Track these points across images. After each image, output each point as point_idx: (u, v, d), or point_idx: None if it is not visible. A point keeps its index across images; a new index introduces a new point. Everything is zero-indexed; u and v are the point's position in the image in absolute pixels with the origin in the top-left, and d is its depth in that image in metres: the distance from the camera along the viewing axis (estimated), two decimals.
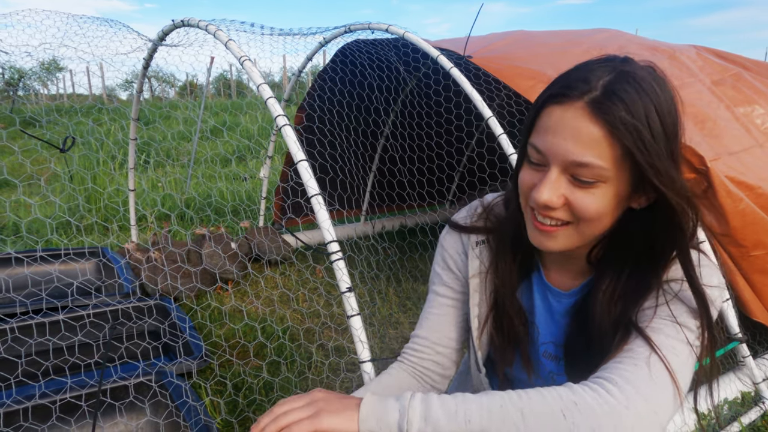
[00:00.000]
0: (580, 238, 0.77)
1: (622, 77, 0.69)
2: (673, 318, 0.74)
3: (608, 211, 0.74)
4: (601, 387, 0.66)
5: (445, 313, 0.99)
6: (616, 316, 0.79)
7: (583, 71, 0.72)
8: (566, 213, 0.75)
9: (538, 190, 0.73)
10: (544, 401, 0.65)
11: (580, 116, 0.69)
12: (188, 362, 2.02)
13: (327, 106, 3.56)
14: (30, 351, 2.13)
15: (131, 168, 3.25)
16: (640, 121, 0.67)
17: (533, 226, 0.79)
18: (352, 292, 1.54)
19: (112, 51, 2.96)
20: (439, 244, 1.02)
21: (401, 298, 3.10)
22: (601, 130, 0.68)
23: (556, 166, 0.72)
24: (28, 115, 6.86)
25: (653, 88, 0.69)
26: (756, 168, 2.25)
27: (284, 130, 1.68)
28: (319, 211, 1.57)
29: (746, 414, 1.93)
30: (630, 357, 0.70)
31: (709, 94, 2.56)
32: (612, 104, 0.67)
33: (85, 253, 2.99)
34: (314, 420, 0.67)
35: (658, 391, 0.66)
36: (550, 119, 0.72)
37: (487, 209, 0.96)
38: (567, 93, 0.70)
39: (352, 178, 4.04)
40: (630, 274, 0.80)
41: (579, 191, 0.72)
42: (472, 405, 0.66)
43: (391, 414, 0.68)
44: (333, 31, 2.91)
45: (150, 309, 2.45)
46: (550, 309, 0.92)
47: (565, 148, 0.70)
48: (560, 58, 2.56)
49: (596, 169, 0.69)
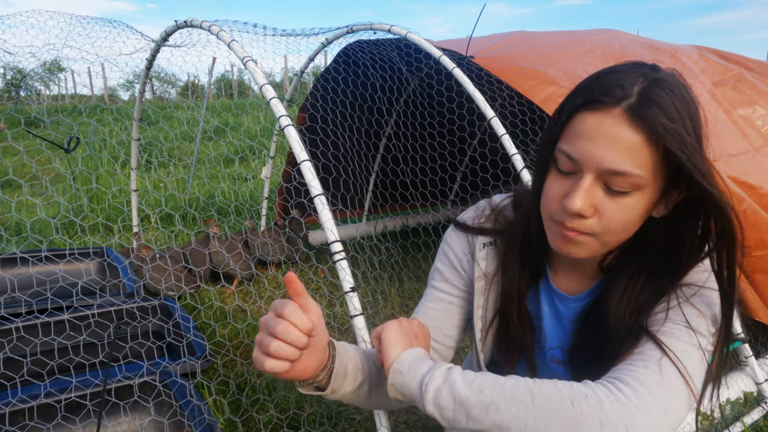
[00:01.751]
0: (603, 246, 0.77)
1: (656, 84, 0.69)
2: (686, 323, 0.75)
3: (636, 221, 0.74)
4: (613, 386, 0.67)
5: (442, 308, 0.99)
6: (630, 322, 0.79)
7: (616, 77, 0.71)
8: (595, 224, 0.74)
9: (572, 198, 0.72)
10: (555, 388, 0.68)
11: (619, 123, 0.68)
12: (192, 362, 2.03)
13: (329, 106, 3.57)
14: (35, 350, 2.14)
15: (134, 168, 3.26)
16: (679, 124, 0.68)
17: (557, 233, 0.78)
18: (356, 292, 1.54)
19: (115, 51, 2.98)
20: (443, 242, 1.01)
21: (403, 298, 3.11)
22: (641, 137, 0.68)
23: (590, 173, 0.71)
24: (32, 115, 6.88)
25: (682, 93, 0.70)
26: (756, 169, 2.25)
27: (287, 130, 1.69)
28: (323, 211, 1.58)
29: (749, 414, 1.94)
30: (641, 359, 0.71)
31: (709, 97, 2.56)
32: (651, 110, 0.67)
33: (89, 253, 3.00)
34: (383, 332, 0.83)
35: (669, 393, 0.67)
36: (585, 125, 0.71)
37: (496, 211, 0.95)
38: (603, 99, 0.69)
39: (355, 178, 4.04)
40: (646, 280, 0.80)
41: (611, 202, 0.72)
42: (488, 379, 0.72)
43: (422, 367, 0.76)
44: (335, 32, 2.92)
45: (154, 309, 2.46)
46: (558, 314, 0.92)
47: (602, 155, 0.69)
48: (562, 58, 2.56)
49: (633, 177, 0.69)
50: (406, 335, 0.84)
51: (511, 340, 0.92)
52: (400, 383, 0.77)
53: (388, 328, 0.84)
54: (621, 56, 2.63)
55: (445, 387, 0.72)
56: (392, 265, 3.57)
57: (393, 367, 0.78)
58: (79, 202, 4.42)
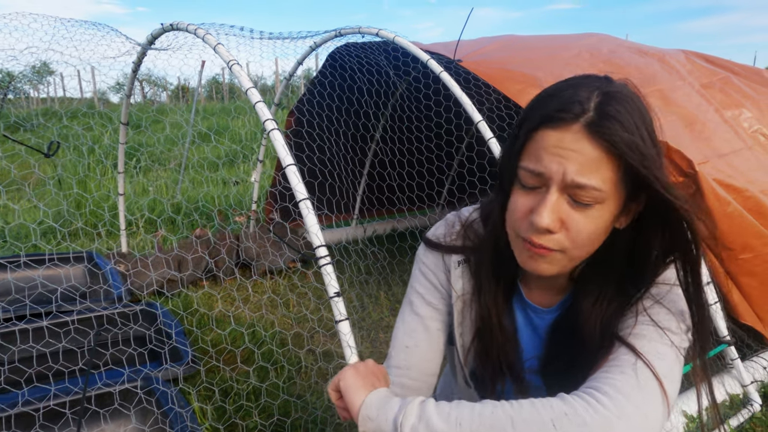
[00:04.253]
0: (570, 261, 0.76)
1: (612, 98, 0.70)
2: (654, 323, 0.75)
3: (601, 233, 0.74)
4: (591, 397, 0.66)
5: (433, 337, 0.94)
6: (602, 330, 0.79)
7: (572, 93, 0.71)
8: (562, 239, 0.73)
9: (539, 213, 0.71)
10: (534, 410, 0.66)
11: (579, 139, 0.69)
12: (175, 368, 2.00)
13: (317, 110, 3.56)
14: (13, 358, 2.10)
15: (120, 172, 3.23)
16: (637, 135, 0.68)
17: (524, 250, 0.77)
18: (341, 297, 1.52)
19: (99, 55, 2.94)
20: (417, 261, 0.97)
21: (392, 302, 3.09)
22: (602, 152, 0.68)
23: (555, 187, 0.71)
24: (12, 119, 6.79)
25: (637, 104, 0.71)
26: (744, 171, 2.26)
27: (272, 134, 1.67)
28: (308, 215, 1.56)
29: (735, 416, 1.94)
30: (616, 366, 0.70)
31: (698, 96, 2.58)
32: (610, 124, 0.68)
33: (75, 258, 2.95)
34: (341, 382, 0.80)
35: (647, 397, 0.67)
36: (547, 142, 0.71)
37: (465, 226, 0.93)
38: (562, 116, 0.70)
39: (343, 182, 4.02)
40: (615, 289, 0.80)
41: (576, 214, 0.72)
42: (464, 410, 0.68)
43: (392, 407, 0.73)
44: (323, 35, 2.90)
45: (136, 315, 2.43)
46: (533, 325, 0.91)
47: (566, 168, 0.69)
48: (550, 62, 2.56)
49: (595, 191, 0.69)
50: (366, 377, 0.81)
51: (493, 358, 0.90)
52: (372, 429, 0.74)
53: (345, 375, 0.81)
54: (609, 60, 2.64)
55: (421, 425, 0.69)
56: (380, 269, 3.55)
57: (361, 414, 0.75)
58: (61, 207, 4.36)
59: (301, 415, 1.98)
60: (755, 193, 2.20)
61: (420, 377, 0.95)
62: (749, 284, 2.16)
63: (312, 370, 2.32)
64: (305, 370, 2.33)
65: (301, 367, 2.35)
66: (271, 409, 2.01)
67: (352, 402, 0.77)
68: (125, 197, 3.30)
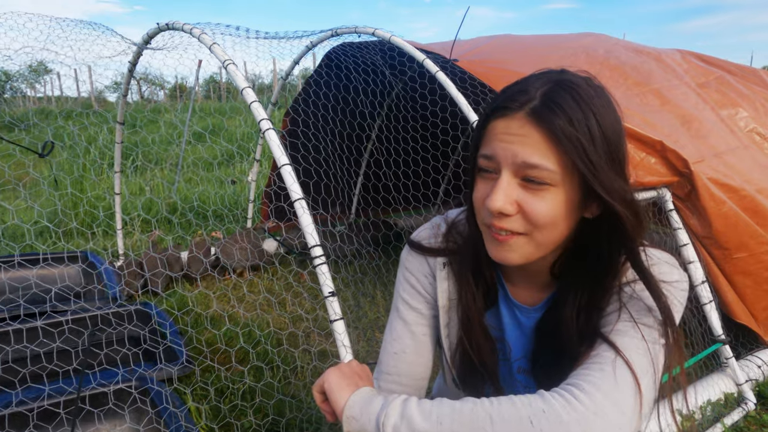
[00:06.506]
0: (537, 248, 0.76)
1: (559, 86, 0.71)
2: (632, 319, 0.75)
3: (561, 218, 0.74)
4: (569, 394, 0.66)
5: (419, 343, 0.94)
6: (583, 326, 0.79)
7: (522, 84, 0.74)
8: (520, 222, 0.74)
9: (491, 197, 0.73)
10: (513, 407, 0.66)
11: (523, 125, 0.71)
12: (169, 368, 2.00)
13: (313, 110, 3.55)
14: (7, 358, 2.09)
15: (117, 172, 3.22)
16: (581, 129, 0.69)
17: (491, 238, 0.78)
18: (335, 297, 1.52)
19: (95, 54, 2.93)
20: (401, 266, 0.96)
21: (388, 302, 3.09)
22: (545, 137, 0.69)
23: (506, 169, 0.73)
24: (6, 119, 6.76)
25: (590, 95, 0.71)
26: (740, 170, 2.27)
27: (268, 134, 1.66)
28: (303, 215, 1.55)
29: (729, 415, 1.94)
30: (596, 362, 0.71)
31: (695, 95, 2.58)
32: (551, 112, 0.69)
33: (69, 257, 2.94)
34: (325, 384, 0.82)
35: (624, 393, 0.67)
36: (496, 129, 0.74)
37: (449, 227, 0.92)
38: (508, 105, 0.72)
39: (339, 182, 4.02)
40: (589, 283, 0.80)
41: (531, 196, 0.72)
42: (445, 408, 0.69)
43: (374, 406, 0.74)
44: (320, 35, 2.90)
45: (131, 314, 2.42)
46: (520, 325, 0.91)
47: (514, 150, 0.71)
48: (546, 61, 2.54)
49: (545, 171, 0.70)
50: (350, 378, 0.82)
51: (474, 359, 0.90)
52: (357, 429, 0.74)
53: (329, 377, 0.82)
54: (606, 60, 2.65)
55: (403, 424, 0.70)
56: (376, 268, 3.55)
57: (345, 414, 0.76)
58: (56, 207, 4.35)
59: (296, 415, 1.98)
60: (751, 192, 2.20)
61: (410, 382, 0.95)
62: (744, 283, 2.16)
63: (307, 369, 2.32)
64: (300, 370, 2.32)
65: (296, 366, 2.35)
66: (266, 409, 2.01)
67: (337, 402, 0.78)
68: (120, 197, 3.29)
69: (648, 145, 2.12)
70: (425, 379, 0.97)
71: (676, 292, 0.79)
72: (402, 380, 0.95)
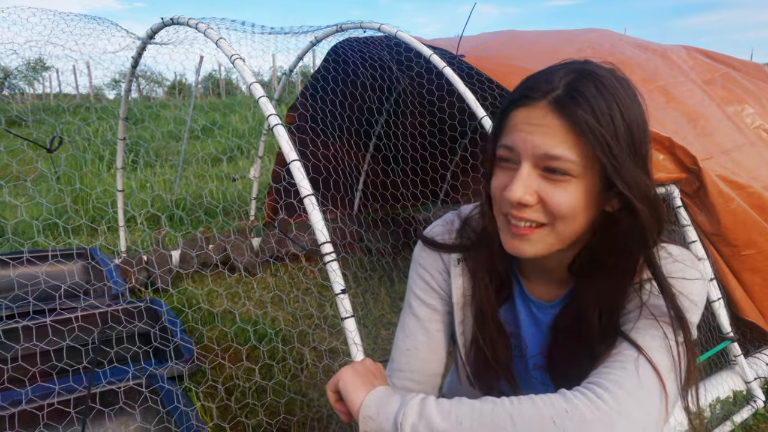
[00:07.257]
0: (556, 239, 0.75)
1: (583, 76, 0.70)
2: (653, 317, 0.74)
3: (581, 209, 0.73)
4: (592, 393, 0.65)
5: (433, 339, 0.93)
6: (604, 323, 0.78)
7: (545, 74, 0.73)
8: (540, 213, 0.73)
9: (511, 188, 0.72)
10: (534, 407, 0.65)
11: (545, 114, 0.70)
12: (179, 366, 1.99)
13: (319, 105, 3.54)
14: (16, 355, 2.09)
15: (119, 168, 3.21)
16: (604, 121, 0.68)
17: (508, 231, 0.77)
18: (346, 294, 1.51)
19: (99, 49, 2.92)
20: (414, 262, 0.95)
21: (393, 299, 3.09)
22: (569, 128, 0.68)
23: (527, 160, 0.72)
24: (14, 114, 6.74)
25: (615, 87, 0.70)
26: (747, 167, 2.26)
27: (276, 129, 1.65)
28: (313, 211, 1.55)
29: (738, 413, 1.94)
30: (618, 361, 0.70)
31: (701, 92, 2.57)
32: (574, 103, 0.68)
33: (74, 254, 2.94)
34: (340, 382, 0.80)
35: (648, 392, 0.66)
36: (517, 119, 0.73)
37: (464, 223, 0.91)
38: (530, 95, 0.71)
39: (345, 177, 4.01)
40: (608, 280, 0.78)
41: (551, 187, 0.72)
42: (465, 408, 0.68)
43: (392, 405, 0.72)
44: (324, 30, 2.88)
45: (140, 312, 2.42)
46: (536, 321, 0.90)
47: (534, 141, 0.70)
48: (552, 56, 2.53)
49: (566, 162, 0.69)
50: (365, 376, 0.80)
51: (490, 356, 0.89)
52: (374, 429, 0.73)
53: (344, 375, 0.80)
54: (611, 55, 2.64)
55: (421, 423, 0.68)
56: (382, 265, 3.55)
57: (361, 414, 0.74)
58: (62, 203, 4.34)
59: (306, 413, 1.98)
60: (758, 189, 2.20)
61: (423, 379, 0.94)
62: (752, 281, 2.16)
63: (317, 367, 2.32)
64: (310, 368, 2.32)
65: (305, 364, 2.34)
66: (276, 408, 2.01)
67: (352, 402, 0.76)
68: (125, 193, 3.28)
69: (656, 141, 2.12)
70: (438, 375, 0.97)
71: (694, 290, 0.77)
72: (415, 377, 0.94)
